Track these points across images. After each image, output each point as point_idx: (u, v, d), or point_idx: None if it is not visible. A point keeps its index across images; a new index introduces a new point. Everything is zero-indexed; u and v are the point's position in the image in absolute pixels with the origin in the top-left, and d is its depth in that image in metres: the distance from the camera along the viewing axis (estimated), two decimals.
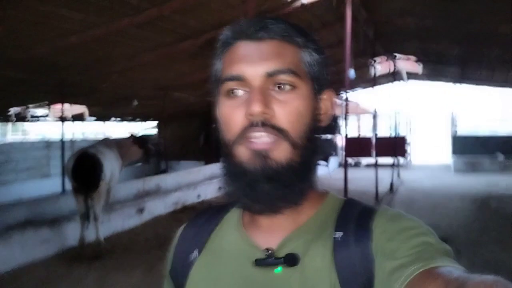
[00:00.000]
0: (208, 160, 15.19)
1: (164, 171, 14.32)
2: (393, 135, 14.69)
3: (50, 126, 16.10)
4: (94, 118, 13.54)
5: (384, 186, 10.50)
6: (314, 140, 0.71)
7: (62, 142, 7.93)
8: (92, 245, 5.89)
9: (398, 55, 11.31)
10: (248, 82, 0.66)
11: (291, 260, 0.67)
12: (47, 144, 13.07)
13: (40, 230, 5.57)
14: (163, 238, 6.49)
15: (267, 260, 0.68)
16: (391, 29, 8.38)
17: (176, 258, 0.81)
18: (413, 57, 11.27)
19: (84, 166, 5.86)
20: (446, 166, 16.51)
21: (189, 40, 5.73)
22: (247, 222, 0.76)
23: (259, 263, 0.68)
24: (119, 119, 15.38)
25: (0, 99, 8.39)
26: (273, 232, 0.72)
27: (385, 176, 11.04)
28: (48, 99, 9.30)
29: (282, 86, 0.66)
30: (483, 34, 7.52)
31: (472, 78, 13.24)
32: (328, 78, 0.74)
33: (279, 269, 0.68)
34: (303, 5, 5.24)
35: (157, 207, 7.99)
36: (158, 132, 16.65)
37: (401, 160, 16.15)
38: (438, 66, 12.29)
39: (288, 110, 0.66)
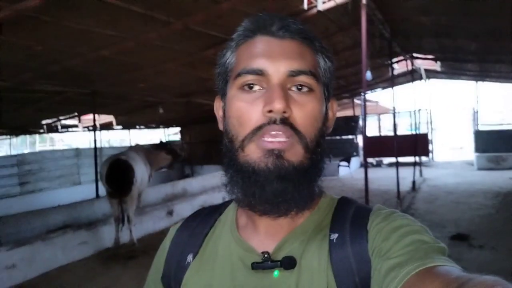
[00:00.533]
0: None
1: (188, 175, 14.73)
2: (414, 133, 14.69)
3: (78, 135, 16.72)
4: (120, 126, 14.04)
5: (406, 185, 10.60)
6: (323, 145, 0.70)
7: (95, 150, 8.30)
8: (126, 246, 6.26)
9: (416, 54, 11.41)
10: (269, 78, 0.65)
11: (288, 263, 0.66)
12: (77, 153, 13.60)
13: (78, 233, 5.94)
14: None
15: (264, 264, 0.67)
16: (408, 29, 8.52)
17: (169, 262, 0.79)
18: (431, 56, 11.34)
19: (117, 171, 6.23)
20: (469, 163, 16.42)
21: (211, 48, 6.04)
22: (242, 225, 0.75)
23: (256, 267, 0.67)
24: (143, 126, 15.87)
25: (36, 112, 8.88)
26: (269, 234, 0.71)
27: (407, 175, 11.13)
28: (78, 110, 9.77)
29: (301, 88, 0.66)
30: (500, 30, 7.59)
31: (492, 74, 13.19)
32: (332, 88, 0.75)
33: (276, 273, 0.67)
34: (319, 11, 5.47)
35: (185, 210, 8.30)
36: (181, 137, 17.10)
37: (424, 158, 16.14)
38: (456, 64, 12.31)
39: (305, 112, 0.66)
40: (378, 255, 0.61)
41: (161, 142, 8.43)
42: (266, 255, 0.68)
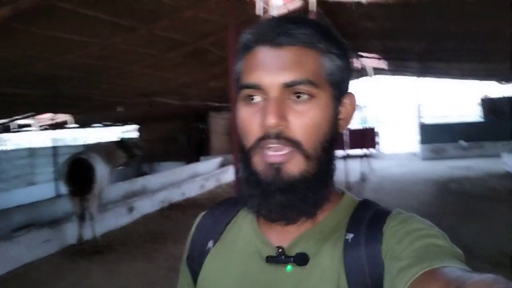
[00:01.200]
0: (190, 160, 15.75)
1: (145, 173, 14.80)
2: (362, 127, 15.53)
3: (31, 135, 16.35)
4: (75, 125, 13.90)
5: (355, 176, 11.32)
6: (330, 149, 0.70)
7: (53, 148, 8.34)
8: (90, 242, 6.44)
9: (363, 54, 12.12)
10: (265, 91, 0.66)
11: (301, 259, 0.68)
12: (30, 153, 13.40)
13: (42, 231, 6.07)
14: (154, 233, 7.09)
15: (278, 258, 0.69)
16: (355, 31, 9.12)
17: (193, 246, 0.84)
18: (377, 55, 12.10)
19: (78, 171, 6.37)
20: (414, 154, 17.57)
21: (174, 51, 6.33)
22: (262, 219, 0.76)
23: (270, 260, 0.70)
24: (100, 124, 15.74)
25: None
26: (287, 231, 0.72)
27: (356, 167, 11.87)
28: (36, 110, 9.71)
29: (300, 96, 0.66)
30: (436, 33, 8.37)
31: (432, 71, 14.21)
32: (349, 82, 0.74)
33: (289, 268, 0.69)
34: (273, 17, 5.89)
35: (146, 206, 8.53)
36: (140, 135, 17.09)
37: (371, 150, 17.09)
38: (400, 62, 13.18)
39: (305, 121, 0.65)
40: (391, 257, 0.61)
41: (121, 140, 8.52)
42: (280, 250, 0.70)
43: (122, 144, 8.03)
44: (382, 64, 13.43)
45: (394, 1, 6.15)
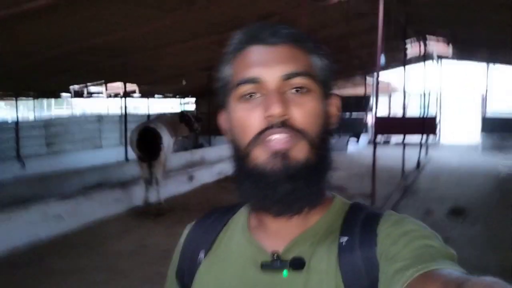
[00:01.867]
0: None
1: (202, 145, 15.37)
2: (422, 116, 15.13)
3: (95, 102, 17.38)
4: (139, 95, 14.64)
5: (412, 163, 11.16)
6: (328, 141, 0.72)
7: (125, 116, 8.92)
8: (154, 205, 6.95)
9: (428, 37, 11.78)
10: (265, 85, 0.66)
11: (297, 264, 0.68)
12: (99, 118, 14.30)
13: (113, 191, 6.63)
14: (212, 202, 7.49)
15: (273, 264, 0.69)
16: (422, 15, 8.92)
17: (183, 258, 0.82)
18: (443, 39, 11.72)
19: (147, 138, 6.86)
20: (475, 146, 16.90)
21: (235, 29, 6.57)
22: (254, 225, 0.76)
23: (265, 266, 0.69)
24: (161, 96, 16.45)
25: (66, 78, 9.50)
26: (280, 235, 0.72)
27: (413, 154, 11.65)
28: (107, 79, 10.38)
29: (299, 89, 0.67)
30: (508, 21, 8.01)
31: (502, 59, 13.52)
32: (333, 84, 0.75)
33: (285, 273, 0.68)
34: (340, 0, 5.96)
35: (204, 176, 8.99)
36: (197, 107, 17.66)
37: (430, 139, 16.63)
38: (467, 47, 12.67)
39: (305, 111, 0.67)
40: (386, 259, 0.62)
41: (182, 113, 8.95)
42: (275, 255, 0.69)
43: (184, 117, 8.44)
44: (447, 49, 12.99)
45: None
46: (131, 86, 11.86)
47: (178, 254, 0.84)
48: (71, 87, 11.15)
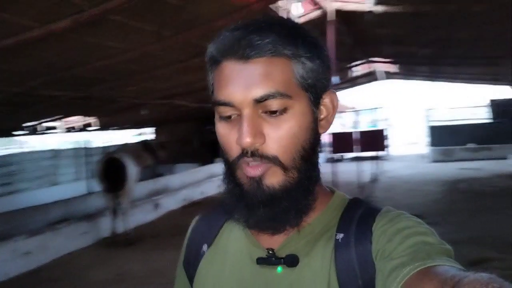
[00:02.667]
0: (203, 162, 16.24)
1: (161, 174, 15.31)
2: (373, 129, 15.93)
3: (53, 137, 16.95)
4: (96, 127, 14.48)
5: (366, 177, 11.74)
6: (312, 155, 0.70)
7: (85, 149, 8.87)
8: (122, 235, 6.94)
9: (375, 58, 12.59)
10: (238, 108, 0.65)
11: (291, 261, 0.69)
12: (54, 154, 13.96)
13: (80, 224, 6.59)
14: (180, 227, 7.48)
15: (268, 260, 0.70)
16: (368, 38, 9.60)
17: (189, 250, 0.85)
18: (388, 59, 12.56)
19: (111, 169, 6.89)
20: (423, 156, 17.92)
21: (201, 56, 6.83)
22: None
23: (260, 262, 0.70)
24: (118, 127, 16.30)
25: (22, 116, 9.33)
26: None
27: (367, 168, 12.28)
28: (66, 113, 10.28)
29: (273, 112, 0.64)
30: (445, 39, 8.82)
31: (441, 75, 14.63)
32: (328, 80, 0.71)
33: (280, 269, 0.69)
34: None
35: (170, 203, 9.04)
36: (156, 137, 17.62)
37: (382, 152, 17.46)
38: (411, 66, 13.63)
39: (280, 133, 0.65)
40: (382, 257, 0.61)
41: (144, 142, 8.99)
42: (270, 252, 0.70)
43: (148, 146, 8.50)
44: (394, 68, 13.88)
45: (404, 10, 6.61)
46: (89, 119, 11.78)
47: (185, 246, 0.88)
48: (25, 124, 10.91)
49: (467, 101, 22.19)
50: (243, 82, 0.64)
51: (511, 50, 8.60)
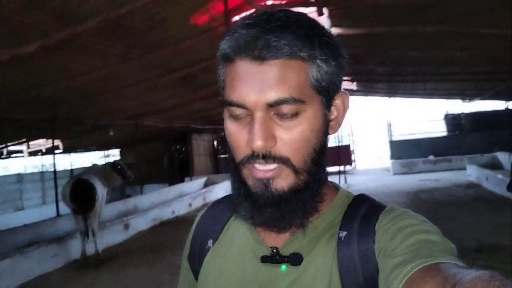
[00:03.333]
0: (172, 181, 16.24)
1: (129, 195, 15.17)
2: (338, 145, 16.44)
3: (18, 161, 16.58)
4: (61, 150, 14.31)
5: None
6: (321, 157, 0.69)
7: (54, 172, 8.82)
8: (93, 256, 6.94)
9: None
10: (250, 109, 0.64)
11: (294, 259, 0.69)
12: (19, 178, 13.70)
13: (50, 246, 6.55)
14: (151, 246, 7.63)
15: (272, 258, 0.71)
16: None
17: (194, 245, 0.86)
18: (347, 77, 13.12)
19: (80, 190, 6.91)
20: (386, 169, 18.58)
21: (168, 75, 7.07)
22: None
23: (264, 260, 0.71)
24: (83, 150, 16.16)
25: None
26: None
27: (334, 181, 12.65)
28: (30, 136, 10.20)
29: (285, 115, 0.64)
30: (398, 58, 9.39)
31: (399, 92, 15.37)
32: (341, 81, 0.71)
33: (284, 267, 0.70)
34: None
35: (140, 223, 9.05)
36: (122, 158, 17.49)
37: (347, 167, 18.02)
38: (369, 84, 14.28)
39: (292, 137, 0.64)
40: (384, 255, 0.61)
41: (114, 162, 9.01)
42: (274, 250, 0.71)
43: (117, 166, 8.52)
44: (352, 85, 14.47)
45: (359, 31, 7.07)
46: (54, 142, 11.67)
47: (189, 240, 0.87)
48: None
49: (427, 115, 23.24)
50: (257, 84, 0.63)
51: (459, 67, 9.26)
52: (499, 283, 0.44)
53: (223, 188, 13.14)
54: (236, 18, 6.08)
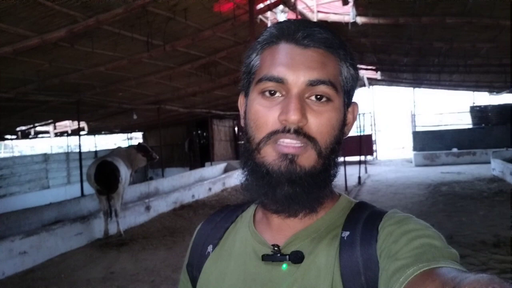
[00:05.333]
0: (193, 166, 16.47)
1: (151, 178, 15.49)
2: (359, 134, 16.35)
3: (44, 141, 17.10)
4: (86, 132, 14.66)
5: (353, 180, 12.09)
6: (337, 151, 0.72)
7: (79, 153, 9.08)
8: (115, 236, 7.18)
9: (358, 65, 12.99)
10: (288, 87, 0.66)
11: (296, 258, 0.69)
12: (45, 158, 14.12)
13: (74, 225, 6.80)
14: (171, 229, 7.83)
15: (274, 256, 0.71)
16: (351, 46, 10.00)
17: (193, 252, 0.86)
18: (371, 66, 12.98)
19: (104, 172, 7.13)
20: (408, 161, 18.37)
21: (189, 64, 7.16)
22: (259, 219, 0.80)
23: (265, 258, 0.71)
24: (108, 132, 16.50)
25: (13, 120, 9.54)
26: (282, 230, 0.74)
27: (354, 172, 12.64)
28: (56, 117, 10.50)
29: (320, 97, 0.67)
30: (423, 48, 9.24)
31: (424, 82, 15.12)
32: (354, 92, 0.76)
33: (285, 266, 0.70)
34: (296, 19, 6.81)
35: (161, 206, 9.27)
36: (144, 141, 17.83)
37: (368, 157, 17.90)
38: (393, 73, 14.08)
39: (322, 121, 0.67)
40: (386, 256, 0.62)
41: (139, 144, 9.19)
42: (276, 248, 0.71)
43: (142, 148, 8.70)
44: (377, 75, 14.31)
45: (384, 21, 6.99)
46: (79, 124, 11.98)
47: (189, 249, 0.88)
48: (17, 128, 11.11)
49: (452, 107, 22.78)
50: (301, 63, 0.67)
51: (485, 59, 9.05)
52: (498, 286, 0.44)
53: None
54: (261, 5, 6.11)
